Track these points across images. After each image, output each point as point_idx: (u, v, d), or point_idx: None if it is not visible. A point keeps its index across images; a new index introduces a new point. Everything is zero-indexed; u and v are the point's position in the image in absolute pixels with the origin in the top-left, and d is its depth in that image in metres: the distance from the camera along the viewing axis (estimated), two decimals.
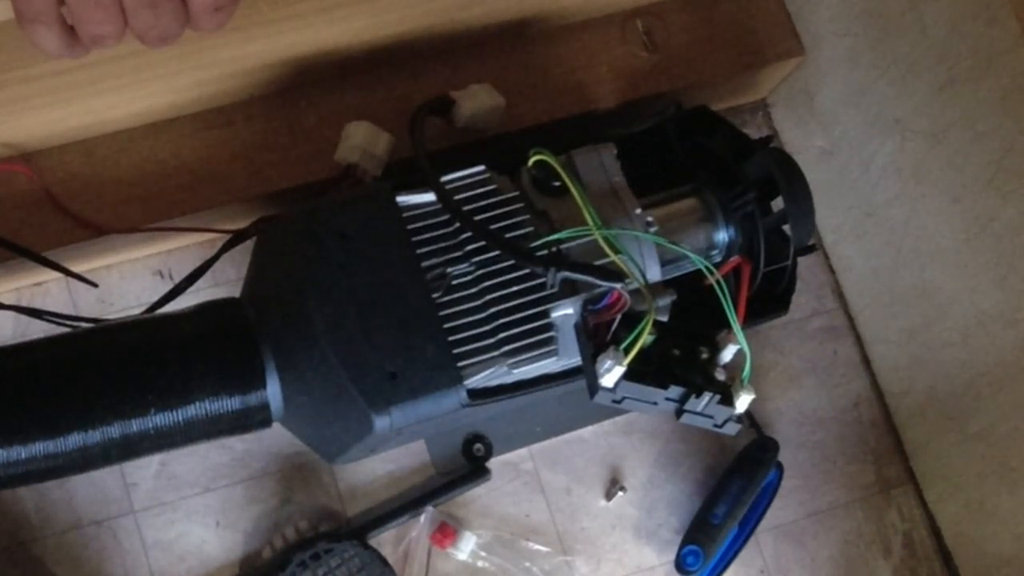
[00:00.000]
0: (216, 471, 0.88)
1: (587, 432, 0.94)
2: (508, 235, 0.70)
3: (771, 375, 0.98)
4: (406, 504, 0.89)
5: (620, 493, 0.93)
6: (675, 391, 0.67)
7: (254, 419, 0.70)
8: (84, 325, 0.74)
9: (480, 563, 0.90)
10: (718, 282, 0.70)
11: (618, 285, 0.67)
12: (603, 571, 0.92)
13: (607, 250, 0.69)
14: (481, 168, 0.73)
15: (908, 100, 0.83)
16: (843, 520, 0.96)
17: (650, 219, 0.74)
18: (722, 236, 0.78)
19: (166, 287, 0.80)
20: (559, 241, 0.70)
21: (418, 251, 0.69)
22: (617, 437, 0.94)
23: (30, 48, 0.49)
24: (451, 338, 0.68)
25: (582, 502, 0.93)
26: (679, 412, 0.68)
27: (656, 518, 0.94)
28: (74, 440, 0.64)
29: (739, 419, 0.69)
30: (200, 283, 0.79)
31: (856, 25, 0.87)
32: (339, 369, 0.66)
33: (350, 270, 0.68)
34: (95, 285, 0.82)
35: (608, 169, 0.75)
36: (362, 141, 0.79)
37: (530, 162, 0.73)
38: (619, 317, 0.67)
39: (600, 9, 0.89)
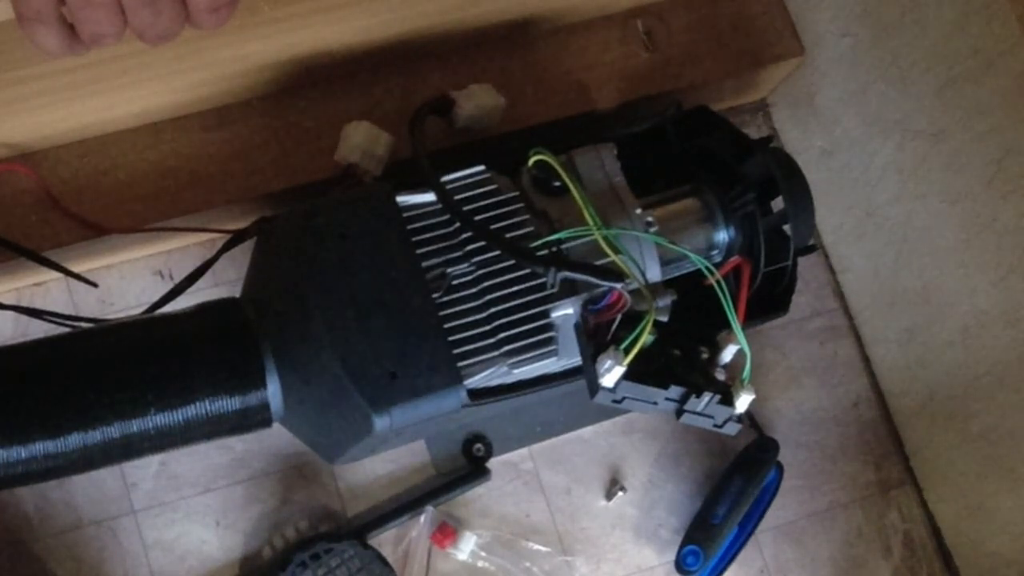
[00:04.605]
0: (216, 471, 0.88)
1: (587, 432, 0.94)
2: (508, 235, 0.70)
3: (771, 375, 0.98)
4: (406, 504, 0.89)
5: (620, 493, 0.93)
6: (675, 391, 0.67)
7: (254, 419, 0.69)
8: (84, 325, 0.74)
9: (480, 563, 0.90)
10: (718, 282, 0.70)
11: (618, 285, 0.67)
12: (603, 571, 0.92)
13: (607, 250, 0.69)
14: (481, 168, 0.73)
15: (908, 100, 0.83)
16: (843, 520, 0.96)
17: (650, 219, 0.74)
18: (722, 236, 0.78)
19: (166, 287, 0.80)
20: (559, 241, 0.70)
21: (418, 251, 0.69)
22: (617, 437, 0.94)
23: (30, 48, 0.49)
24: (451, 338, 0.68)
25: (582, 502, 0.93)
26: (679, 412, 0.68)
27: (656, 518, 0.94)
28: (74, 440, 0.64)
29: (739, 419, 0.69)
30: (200, 283, 0.79)
31: (856, 25, 0.87)
32: (339, 369, 0.66)
33: (350, 270, 0.68)
34: (95, 285, 0.82)
35: (608, 169, 0.75)
36: (362, 141, 0.79)
37: (530, 162, 0.73)
38: (619, 317, 0.67)
39: (600, 9, 0.89)
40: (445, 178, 0.72)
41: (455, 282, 0.69)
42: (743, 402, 0.68)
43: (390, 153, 0.80)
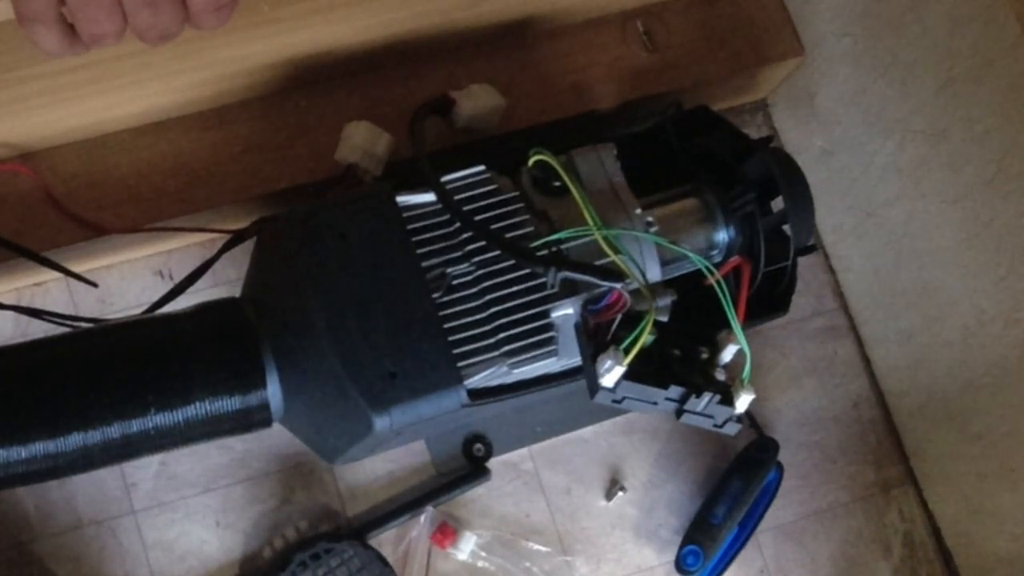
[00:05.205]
0: (216, 471, 0.88)
1: (587, 432, 0.94)
2: (508, 235, 0.70)
3: (771, 375, 0.98)
4: (406, 504, 0.89)
5: (620, 493, 0.93)
6: (675, 391, 0.67)
7: (254, 419, 0.70)
8: (84, 325, 0.74)
9: (480, 563, 0.90)
10: (718, 282, 0.70)
11: (618, 285, 0.67)
12: (603, 571, 0.92)
13: (607, 250, 0.69)
14: (481, 168, 0.73)
15: (908, 100, 0.83)
16: (843, 520, 0.96)
17: (650, 219, 0.74)
18: (722, 236, 0.78)
19: (166, 287, 0.80)
20: (559, 241, 0.70)
21: (418, 251, 0.69)
22: (617, 437, 0.94)
23: (30, 48, 0.49)
24: (451, 338, 0.68)
25: (582, 502, 0.93)
26: (679, 412, 0.68)
27: (656, 518, 0.94)
28: (74, 440, 0.64)
29: (739, 419, 0.69)
30: (200, 283, 0.79)
31: (856, 25, 0.87)
32: (339, 369, 0.66)
33: (350, 270, 0.68)
34: (95, 285, 0.82)
35: (608, 169, 0.75)
36: (362, 141, 0.79)
37: (530, 162, 0.73)
38: (619, 317, 0.67)
39: (600, 9, 0.89)
40: (445, 178, 0.72)
41: (455, 282, 0.69)
42: (743, 402, 0.68)
43: (390, 153, 0.80)
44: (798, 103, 0.97)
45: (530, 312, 0.69)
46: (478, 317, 0.69)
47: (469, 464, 0.91)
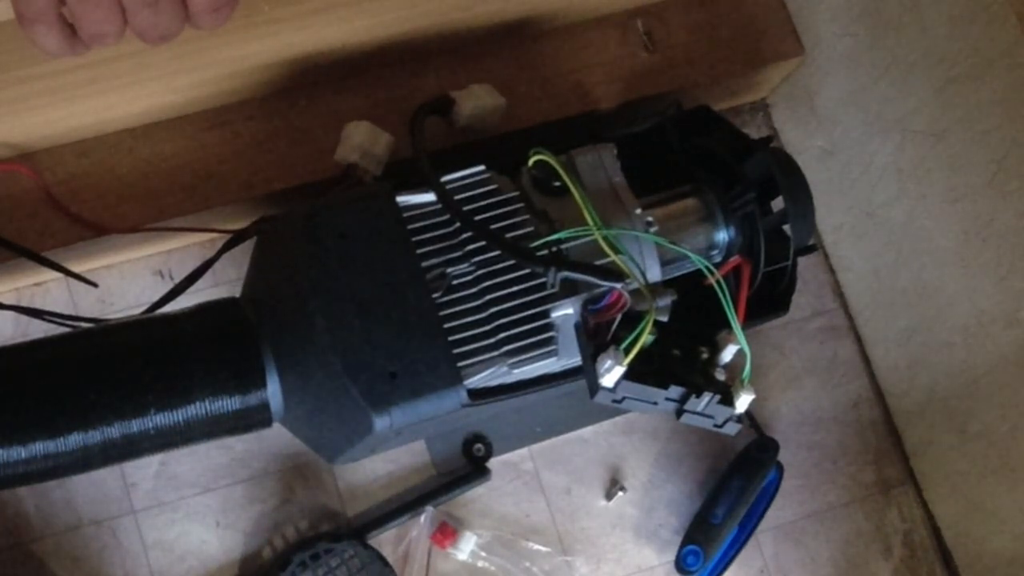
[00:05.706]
0: (216, 471, 0.88)
1: (587, 432, 0.94)
2: (508, 235, 0.70)
3: (771, 375, 0.98)
4: (406, 504, 0.89)
5: (620, 493, 0.93)
6: (675, 391, 0.67)
7: (254, 419, 0.70)
8: (84, 325, 0.74)
9: (480, 563, 0.90)
10: (718, 282, 0.70)
11: (618, 285, 0.67)
12: (603, 571, 0.92)
13: (607, 250, 0.69)
14: (481, 168, 0.73)
15: (908, 100, 0.83)
16: (843, 520, 0.96)
17: (650, 219, 0.74)
18: (722, 236, 0.78)
19: (166, 287, 0.80)
20: (559, 241, 0.70)
21: (418, 251, 0.69)
22: (617, 437, 0.94)
23: (30, 48, 0.49)
24: (451, 338, 0.68)
25: (582, 502, 0.93)
26: (679, 412, 0.68)
27: (656, 518, 0.94)
28: (74, 440, 0.64)
29: (739, 419, 0.69)
30: (200, 283, 0.79)
31: (856, 25, 0.87)
32: (339, 369, 0.66)
33: (350, 270, 0.68)
34: (95, 285, 0.83)
35: (608, 169, 0.75)
36: (362, 141, 0.79)
37: (530, 162, 0.73)
38: (619, 317, 0.67)
39: (600, 9, 0.89)
40: (445, 178, 0.72)
41: (455, 282, 0.69)
42: (743, 402, 0.68)
43: (390, 153, 0.80)
44: (798, 103, 0.97)
45: (530, 312, 0.69)
46: (478, 317, 0.69)
47: (469, 464, 0.91)
